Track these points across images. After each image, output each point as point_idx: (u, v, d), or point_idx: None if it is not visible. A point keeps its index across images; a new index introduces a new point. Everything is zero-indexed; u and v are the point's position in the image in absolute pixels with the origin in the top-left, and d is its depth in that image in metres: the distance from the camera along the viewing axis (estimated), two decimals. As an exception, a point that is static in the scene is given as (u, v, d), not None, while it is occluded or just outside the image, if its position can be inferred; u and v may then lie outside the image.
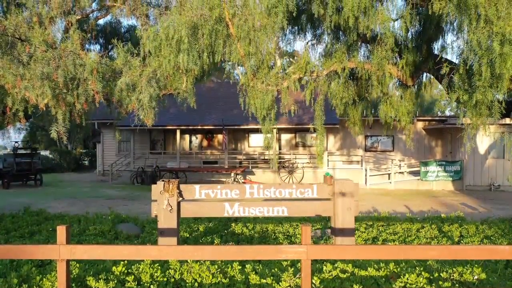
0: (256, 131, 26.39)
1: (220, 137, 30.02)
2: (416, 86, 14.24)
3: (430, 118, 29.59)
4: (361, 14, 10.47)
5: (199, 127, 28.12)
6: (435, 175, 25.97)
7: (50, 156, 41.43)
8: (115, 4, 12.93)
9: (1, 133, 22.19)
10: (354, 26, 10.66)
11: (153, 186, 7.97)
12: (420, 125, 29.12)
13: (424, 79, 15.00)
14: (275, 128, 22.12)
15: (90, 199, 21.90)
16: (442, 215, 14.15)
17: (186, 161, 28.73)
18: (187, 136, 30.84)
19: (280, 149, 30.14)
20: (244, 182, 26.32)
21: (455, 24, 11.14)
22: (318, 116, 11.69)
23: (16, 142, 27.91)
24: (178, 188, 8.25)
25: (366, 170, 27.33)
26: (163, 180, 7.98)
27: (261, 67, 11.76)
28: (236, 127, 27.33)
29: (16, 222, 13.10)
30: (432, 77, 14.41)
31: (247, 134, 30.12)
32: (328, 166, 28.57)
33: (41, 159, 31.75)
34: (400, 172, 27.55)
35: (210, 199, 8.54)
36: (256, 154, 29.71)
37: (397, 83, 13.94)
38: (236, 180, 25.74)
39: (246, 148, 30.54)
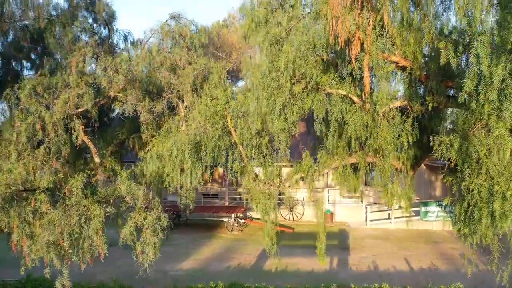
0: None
1: (220, 169, 30.14)
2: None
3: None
4: (363, 129, 10.52)
5: (200, 163, 28.21)
6: (435, 215, 26.16)
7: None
8: (118, 94, 12.95)
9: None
10: (356, 139, 10.72)
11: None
12: (420, 159, 29.17)
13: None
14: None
15: (91, 246, 22.09)
16: (441, 288, 14.13)
17: (187, 195, 28.87)
18: (188, 169, 30.94)
19: (280, 184, 30.25)
20: (244, 222, 26.53)
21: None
22: (319, 218, 11.82)
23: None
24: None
25: (366, 208, 27.49)
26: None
27: (263, 168, 11.87)
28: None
29: (19, 300, 13.32)
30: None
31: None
32: (328, 201, 28.74)
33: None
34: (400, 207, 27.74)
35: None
36: (257, 188, 29.83)
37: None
38: (237, 220, 25.95)
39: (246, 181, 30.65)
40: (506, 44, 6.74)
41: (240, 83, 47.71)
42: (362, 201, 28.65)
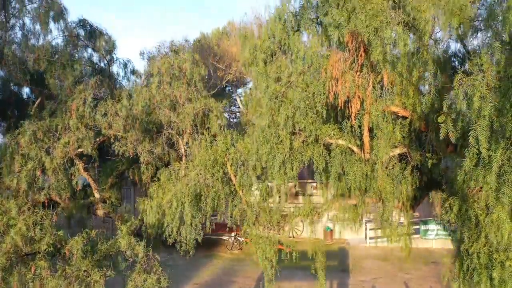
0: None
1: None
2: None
3: (430, 170, 29.57)
4: (363, 179, 10.55)
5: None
6: (434, 233, 26.26)
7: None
8: (118, 133, 12.95)
9: None
10: (356, 188, 10.76)
11: None
12: (420, 175, 29.13)
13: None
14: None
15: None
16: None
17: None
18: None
19: (279, 199, 30.33)
20: (244, 240, 26.57)
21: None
22: (318, 263, 11.86)
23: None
24: None
25: (366, 224, 27.49)
26: None
27: (263, 213, 11.90)
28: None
29: None
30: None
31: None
32: (328, 217, 28.71)
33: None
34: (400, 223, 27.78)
35: None
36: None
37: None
38: (237, 239, 25.96)
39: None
40: (505, 130, 6.75)
41: (240, 90, 47.51)
42: (361, 218, 28.64)
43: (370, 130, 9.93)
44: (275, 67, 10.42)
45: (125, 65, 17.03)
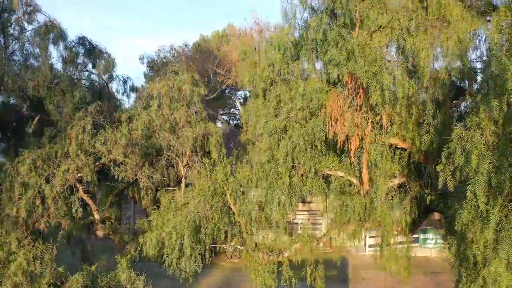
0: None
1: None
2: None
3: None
4: (362, 210, 10.61)
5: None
6: (434, 242, 26.30)
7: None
8: (118, 157, 12.99)
9: None
10: (355, 219, 10.83)
11: None
12: (419, 182, 29.15)
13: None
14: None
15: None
16: None
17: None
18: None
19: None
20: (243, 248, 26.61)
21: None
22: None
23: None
24: None
25: (365, 232, 27.54)
26: None
27: (262, 240, 11.97)
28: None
29: None
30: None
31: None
32: (327, 224, 28.78)
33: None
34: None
35: None
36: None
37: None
38: (236, 248, 25.98)
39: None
40: (503, 188, 6.79)
41: (239, 93, 47.50)
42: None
43: (369, 166, 9.98)
44: (274, 95, 10.44)
45: (125, 82, 17.08)
